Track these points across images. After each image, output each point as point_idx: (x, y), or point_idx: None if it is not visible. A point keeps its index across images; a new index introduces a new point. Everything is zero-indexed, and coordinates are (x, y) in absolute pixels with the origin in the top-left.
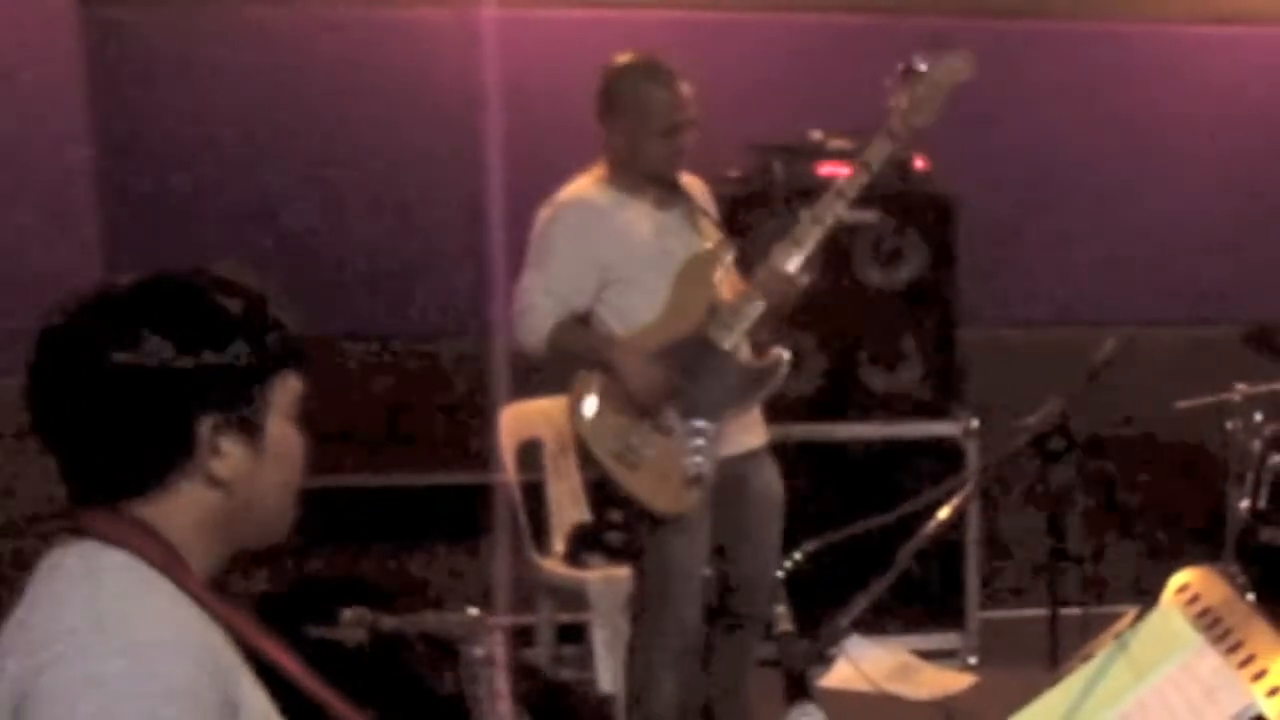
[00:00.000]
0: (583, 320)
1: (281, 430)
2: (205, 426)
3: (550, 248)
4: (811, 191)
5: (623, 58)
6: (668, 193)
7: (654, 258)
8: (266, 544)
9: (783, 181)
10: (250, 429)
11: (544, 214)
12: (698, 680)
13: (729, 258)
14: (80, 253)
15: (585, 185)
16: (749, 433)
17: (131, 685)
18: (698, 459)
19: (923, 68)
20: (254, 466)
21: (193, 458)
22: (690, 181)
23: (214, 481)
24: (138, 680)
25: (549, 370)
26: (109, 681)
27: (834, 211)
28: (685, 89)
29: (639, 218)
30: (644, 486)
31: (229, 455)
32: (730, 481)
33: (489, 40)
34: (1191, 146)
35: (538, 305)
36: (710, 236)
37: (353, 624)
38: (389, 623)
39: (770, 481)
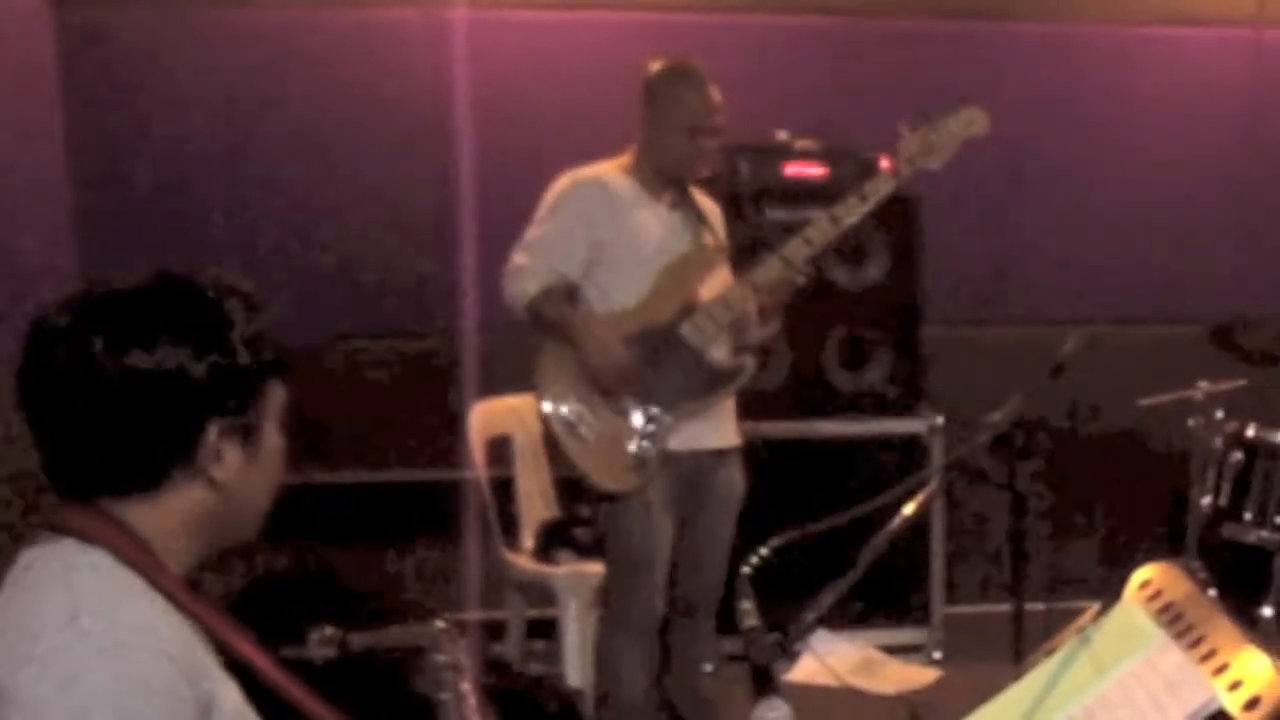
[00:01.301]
0: (570, 292)
1: (273, 434)
2: (212, 431)
3: (556, 215)
4: (777, 191)
5: (663, 59)
6: (681, 197)
7: (649, 251)
8: (238, 542)
9: (750, 181)
10: (249, 434)
11: (561, 181)
12: (652, 669)
13: (722, 264)
14: (53, 252)
15: (608, 168)
16: (720, 433)
17: (108, 684)
18: (644, 443)
19: (940, 118)
20: (248, 469)
21: (195, 461)
22: (707, 203)
23: (211, 484)
24: (114, 679)
25: (516, 355)
26: (86, 680)
27: (824, 236)
28: (717, 95)
29: (649, 212)
30: (589, 461)
31: (228, 460)
32: (695, 476)
33: (459, 41)
34: (1154, 146)
35: (530, 265)
36: (709, 242)
37: (322, 644)
38: (358, 640)
39: (734, 480)
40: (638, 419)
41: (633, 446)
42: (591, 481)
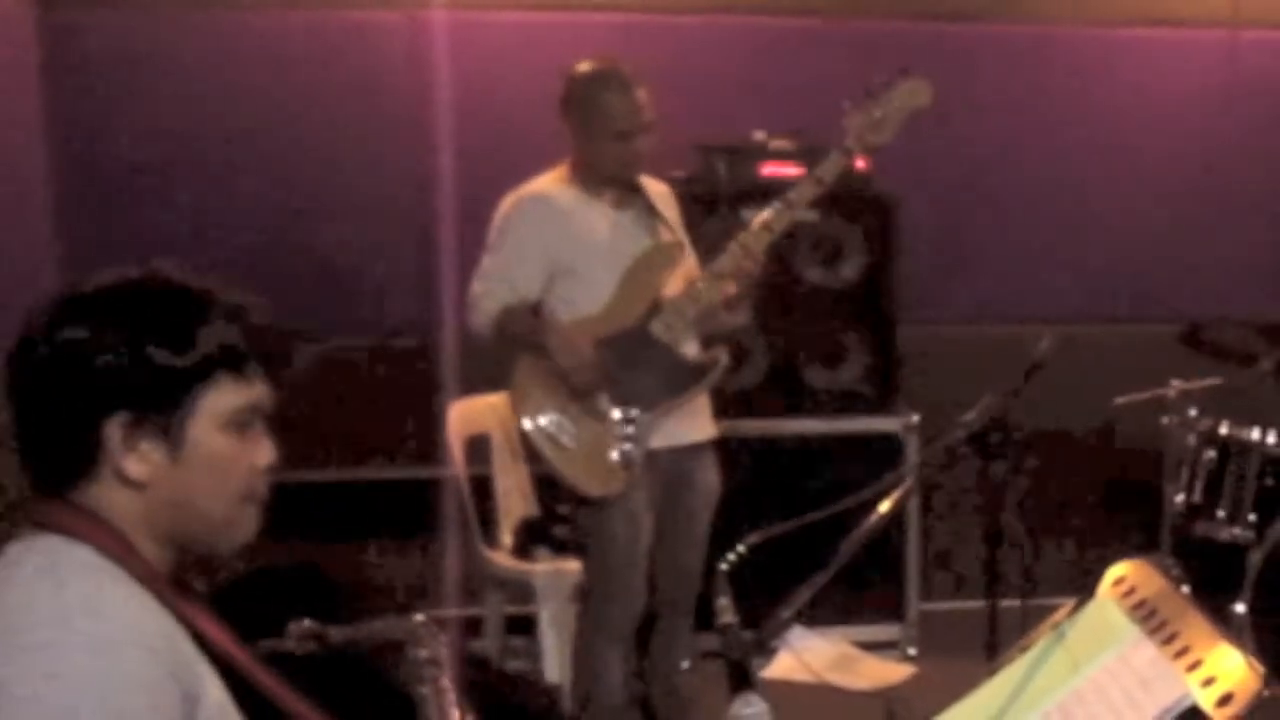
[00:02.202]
0: (534, 309)
1: (212, 437)
2: (115, 424)
3: (507, 236)
4: (754, 191)
5: (584, 64)
6: (626, 194)
7: (606, 254)
8: (227, 550)
9: (727, 181)
10: (169, 432)
11: (506, 204)
12: (633, 670)
13: (683, 258)
14: (36, 254)
15: (548, 182)
16: (697, 427)
17: (94, 681)
18: (627, 446)
19: (883, 92)
20: (174, 471)
21: (104, 453)
22: (656, 188)
23: (126, 480)
24: (100, 676)
25: (495, 358)
26: (73, 677)
27: (782, 219)
28: (642, 95)
29: (596, 216)
30: (574, 469)
31: (147, 456)
32: (675, 474)
33: (439, 42)
34: (1128, 147)
35: (489, 290)
36: (665, 237)
37: (301, 637)
38: (338, 634)
39: (711, 478)
40: (618, 421)
41: (616, 449)
42: (578, 488)
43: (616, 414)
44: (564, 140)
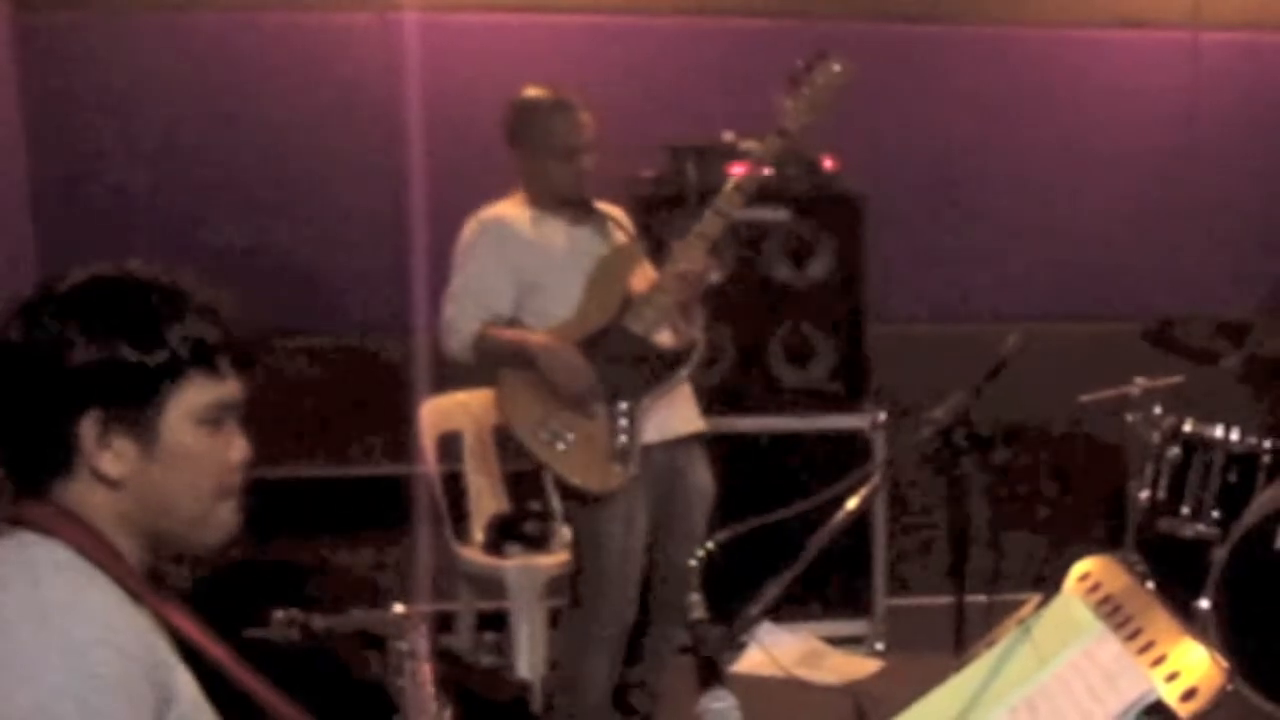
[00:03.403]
0: (509, 327)
1: (185, 434)
2: (88, 422)
3: (472, 258)
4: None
5: (524, 91)
6: (580, 211)
7: (568, 265)
8: (199, 547)
9: (696, 181)
10: (141, 429)
11: (467, 228)
12: (617, 667)
13: (642, 257)
14: (13, 254)
15: (505, 205)
16: (686, 419)
17: (68, 681)
18: (622, 438)
19: (806, 73)
20: (148, 468)
21: (79, 451)
22: (612, 211)
23: (101, 477)
24: (74, 676)
25: (473, 370)
26: (49, 678)
27: (733, 205)
28: (583, 115)
29: (554, 231)
30: (574, 468)
31: (121, 454)
32: (666, 471)
33: (411, 44)
34: (1091, 146)
35: (462, 311)
36: (621, 241)
37: (284, 625)
38: (320, 622)
39: (704, 474)
40: (609, 417)
41: (612, 444)
42: (579, 487)
43: (607, 411)
44: (510, 155)
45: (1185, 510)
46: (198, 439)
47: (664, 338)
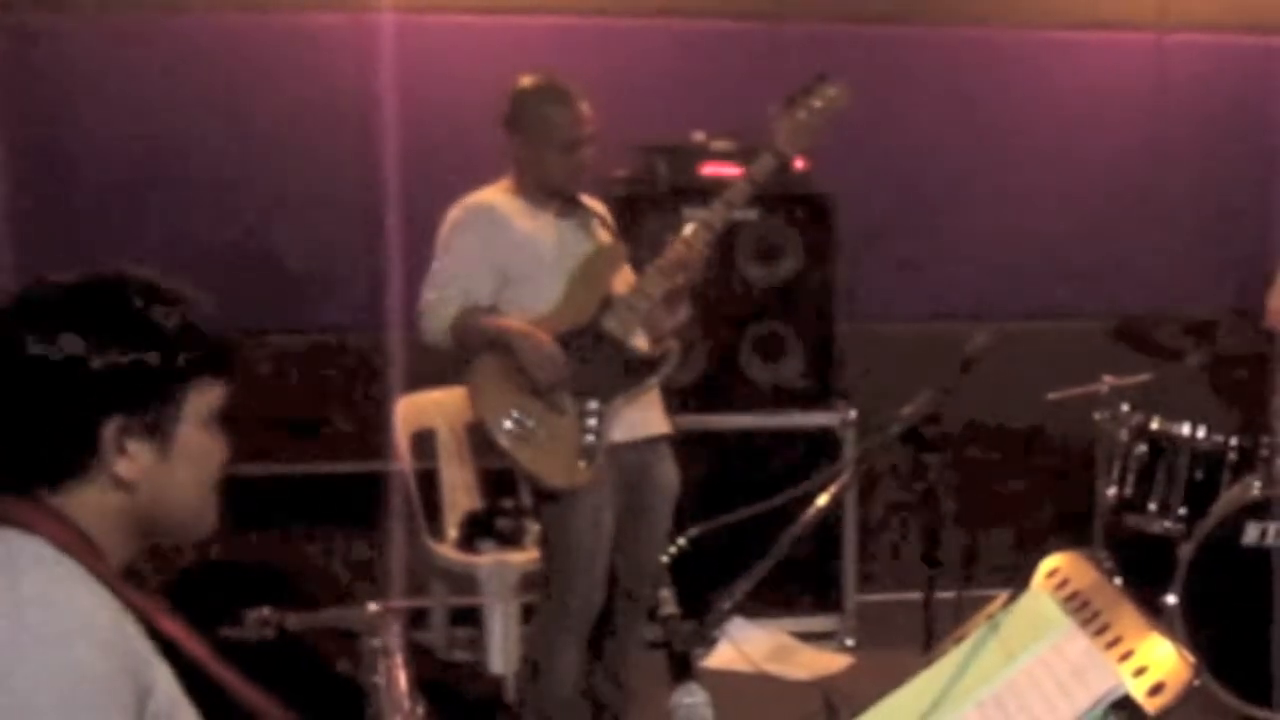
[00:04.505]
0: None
1: (195, 435)
2: (111, 428)
3: (455, 245)
4: (694, 190)
5: (527, 78)
6: (568, 205)
7: (552, 259)
8: (189, 539)
9: (667, 181)
10: (159, 433)
11: (452, 214)
12: (584, 661)
13: (624, 258)
14: None
15: (492, 192)
16: (654, 421)
17: (48, 677)
18: (589, 437)
19: (804, 96)
20: (161, 469)
21: (98, 456)
22: (596, 206)
23: (118, 482)
24: (54, 672)
25: (448, 360)
26: (27, 670)
27: (720, 217)
28: (584, 108)
29: (540, 224)
30: (539, 463)
31: (136, 457)
32: (633, 469)
33: (386, 45)
34: (1059, 146)
35: (442, 296)
36: (606, 240)
37: (259, 624)
38: (294, 621)
39: (669, 472)
40: (578, 415)
41: (579, 441)
42: (543, 482)
43: (577, 409)
44: (507, 141)
45: (1152, 507)
46: (204, 438)
47: (640, 342)
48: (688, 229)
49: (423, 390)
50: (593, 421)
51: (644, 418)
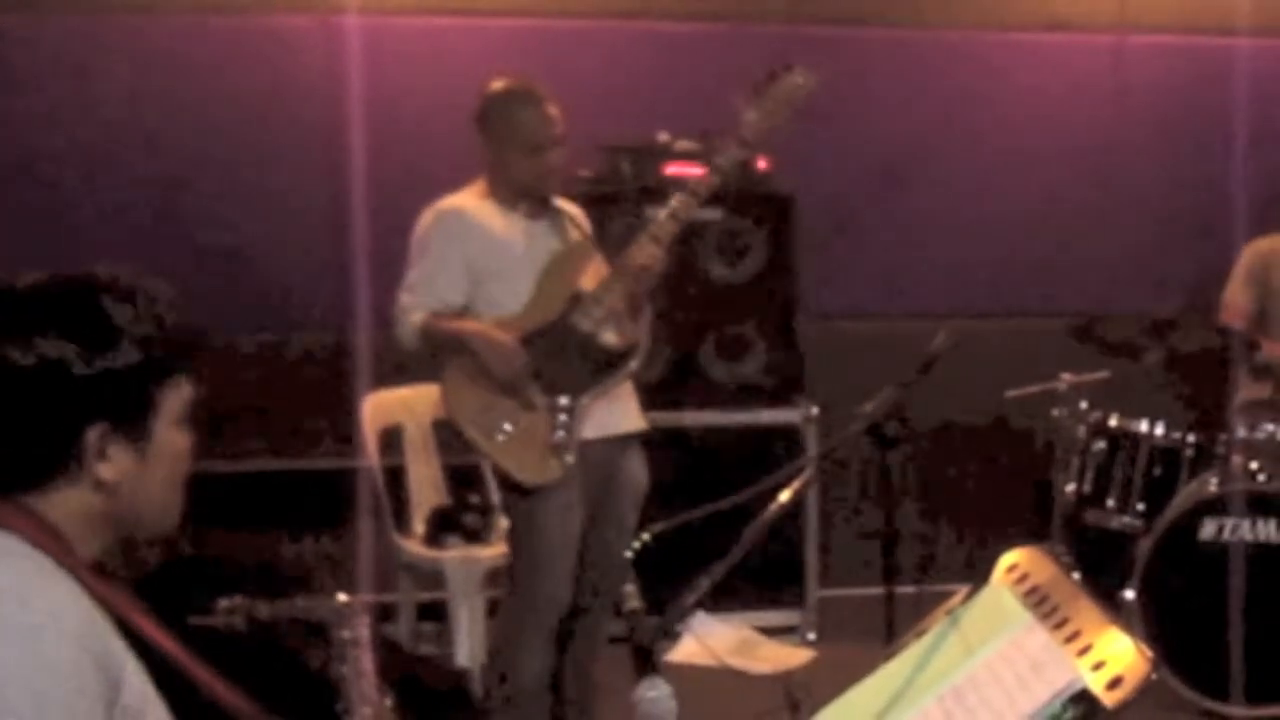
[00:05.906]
0: (459, 316)
1: (168, 433)
2: (94, 433)
3: (428, 248)
4: (658, 190)
5: (498, 82)
6: (539, 206)
7: (522, 259)
8: (156, 535)
9: (632, 180)
10: (137, 435)
11: (425, 218)
12: (550, 656)
13: (595, 255)
14: None
15: (464, 196)
16: (627, 418)
17: (19, 669)
18: (560, 433)
19: (768, 85)
20: (138, 470)
21: (78, 461)
22: (570, 209)
23: (99, 484)
24: (25, 664)
25: (418, 362)
26: None
27: (687, 209)
28: (553, 110)
29: (510, 226)
30: (510, 459)
31: (115, 460)
32: (603, 466)
33: (351, 47)
34: (1020, 146)
35: (416, 301)
36: (576, 238)
37: (229, 612)
38: (264, 610)
39: (639, 470)
40: (549, 411)
41: (550, 438)
42: (514, 478)
43: (548, 404)
44: (473, 142)
45: (1111, 503)
46: (176, 437)
47: (609, 337)
48: (654, 223)
49: (390, 387)
50: (563, 418)
51: (616, 414)
